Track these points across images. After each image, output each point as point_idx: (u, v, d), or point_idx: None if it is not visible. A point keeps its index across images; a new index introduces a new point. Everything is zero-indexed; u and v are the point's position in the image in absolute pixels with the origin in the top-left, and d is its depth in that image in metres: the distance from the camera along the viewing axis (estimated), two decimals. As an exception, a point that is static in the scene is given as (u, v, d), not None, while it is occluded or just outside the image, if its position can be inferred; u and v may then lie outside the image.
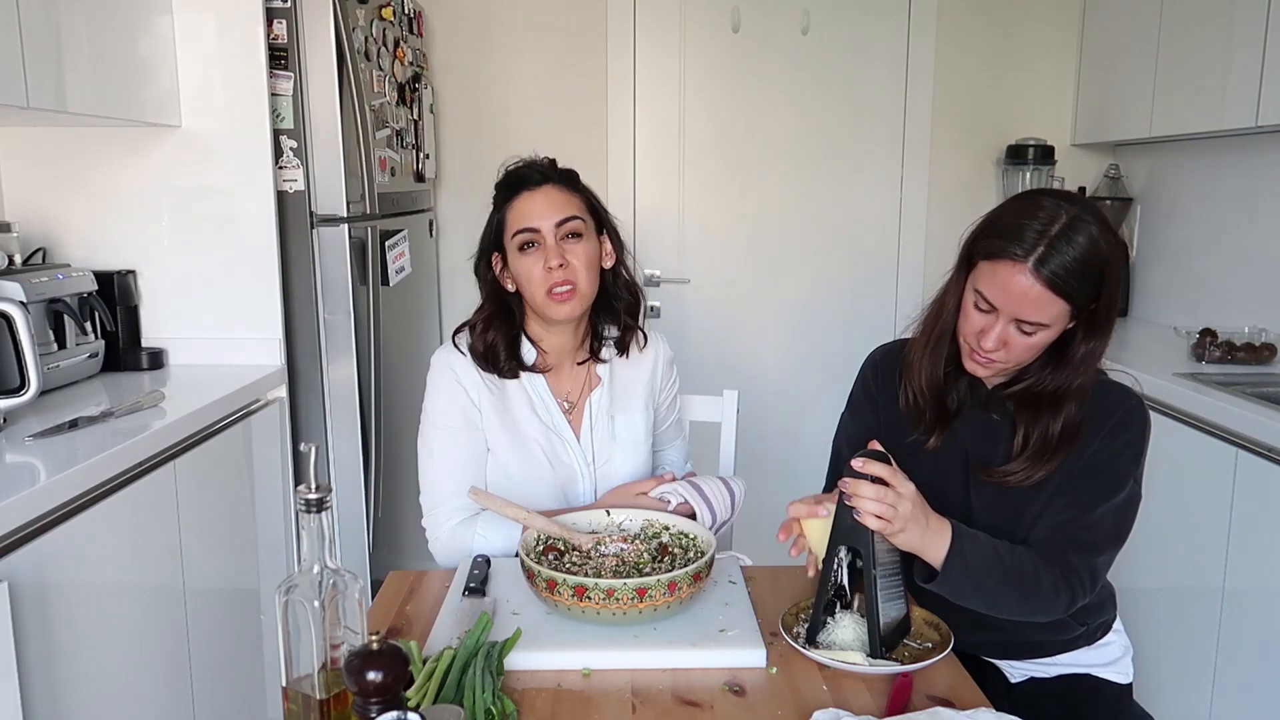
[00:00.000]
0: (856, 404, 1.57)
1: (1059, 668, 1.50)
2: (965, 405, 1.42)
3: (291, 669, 0.99)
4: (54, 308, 2.06)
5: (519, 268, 1.56)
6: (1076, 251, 1.23)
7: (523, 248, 1.55)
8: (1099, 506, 1.32)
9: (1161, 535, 2.30)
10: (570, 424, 1.65)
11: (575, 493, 1.65)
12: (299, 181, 2.40)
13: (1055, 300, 1.25)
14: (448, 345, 1.64)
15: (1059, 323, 1.28)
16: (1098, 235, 1.25)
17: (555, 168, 1.61)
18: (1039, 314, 1.26)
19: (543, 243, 1.54)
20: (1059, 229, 1.24)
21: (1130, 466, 1.35)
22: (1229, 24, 2.53)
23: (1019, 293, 1.25)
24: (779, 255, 3.50)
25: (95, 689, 1.62)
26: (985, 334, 1.30)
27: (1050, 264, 1.23)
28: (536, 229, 1.54)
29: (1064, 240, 1.23)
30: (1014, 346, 1.29)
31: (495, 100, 3.38)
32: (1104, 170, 3.38)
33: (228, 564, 2.15)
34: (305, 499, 0.97)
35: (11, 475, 1.52)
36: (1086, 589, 1.32)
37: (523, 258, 1.55)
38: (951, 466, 1.42)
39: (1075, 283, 1.24)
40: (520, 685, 1.16)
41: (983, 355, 1.32)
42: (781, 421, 3.42)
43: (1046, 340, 1.30)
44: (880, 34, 3.38)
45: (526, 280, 1.55)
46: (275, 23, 2.32)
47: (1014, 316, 1.27)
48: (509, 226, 1.57)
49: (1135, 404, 1.36)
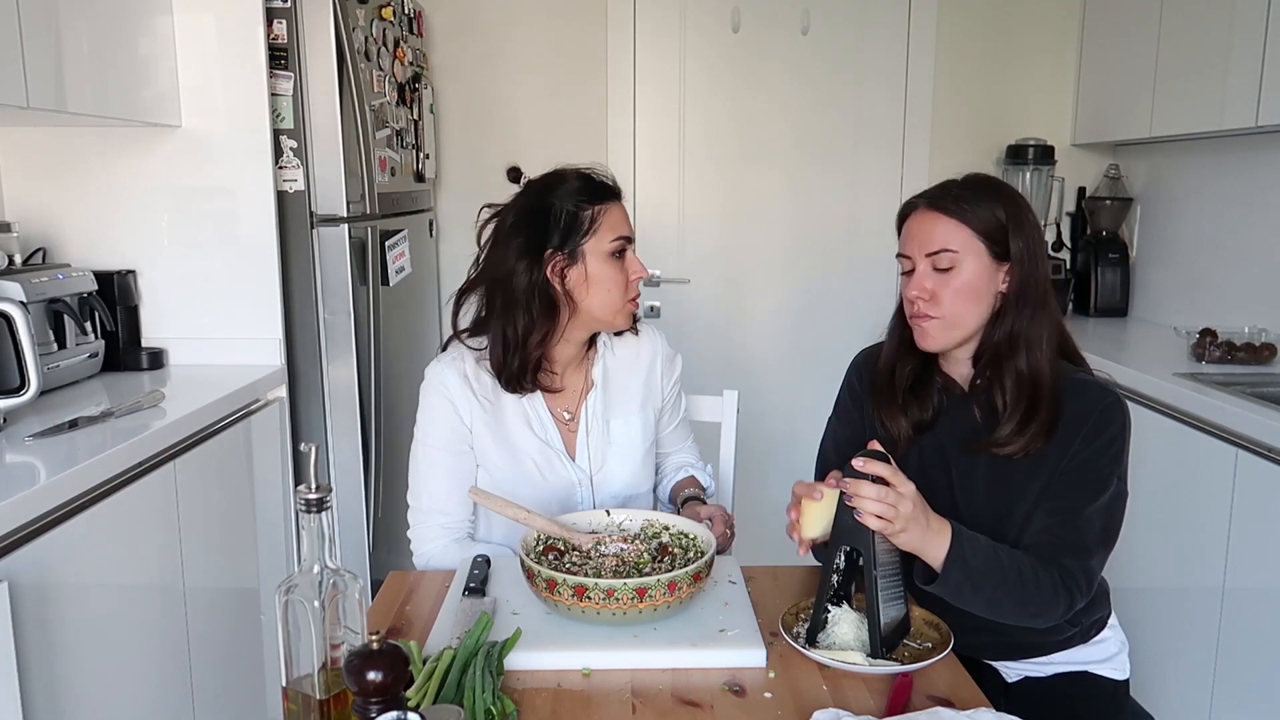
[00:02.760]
0: (843, 407, 1.58)
1: (1055, 666, 1.50)
2: (943, 406, 1.44)
3: (291, 669, 0.99)
4: (54, 308, 2.06)
5: (605, 271, 1.54)
6: (966, 183, 1.38)
7: (616, 254, 1.55)
8: (1086, 508, 1.33)
9: (1161, 535, 2.30)
10: (565, 438, 1.64)
11: (573, 506, 1.64)
12: (299, 181, 2.40)
13: (952, 223, 1.35)
14: (443, 358, 1.61)
15: (972, 255, 1.35)
16: (996, 180, 1.41)
17: None
18: (943, 240, 1.34)
19: (631, 253, 1.57)
20: (956, 182, 1.40)
21: (1113, 465, 1.35)
22: (1229, 24, 2.53)
23: (918, 228, 1.37)
24: (779, 255, 3.50)
25: (95, 689, 1.62)
26: (909, 285, 1.38)
27: (941, 196, 1.37)
28: (632, 239, 1.58)
29: (957, 184, 1.39)
30: (940, 292, 1.35)
31: (495, 100, 3.38)
32: (1104, 170, 3.38)
33: (228, 564, 2.15)
34: (305, 499, 0.97)
35: (11, 475, 1.52)
36: (1084, 591, 1.32)
37: (612, 262, 1.54)
38: (936, 469, 1.42)
39: (965, 204, 1.35)
40: (520, 685, 1.16)
41: (918, 313, 1.37)
42: (781, 421, 3.41)
43: (971, 281, 1.35)
44: (880, 34, 3.38)
45: (612, 285, 1.55)
46: (275, 23, 2.32)
47: (924, 253, 1.36)
48: (606, 228, 1.54)
49: (1113, 401, 1.37)
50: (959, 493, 1.41)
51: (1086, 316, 3.32)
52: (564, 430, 1.64)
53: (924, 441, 1.44)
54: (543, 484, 1.61)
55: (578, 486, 1.64)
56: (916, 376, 1.46)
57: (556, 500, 1.62)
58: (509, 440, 1.60)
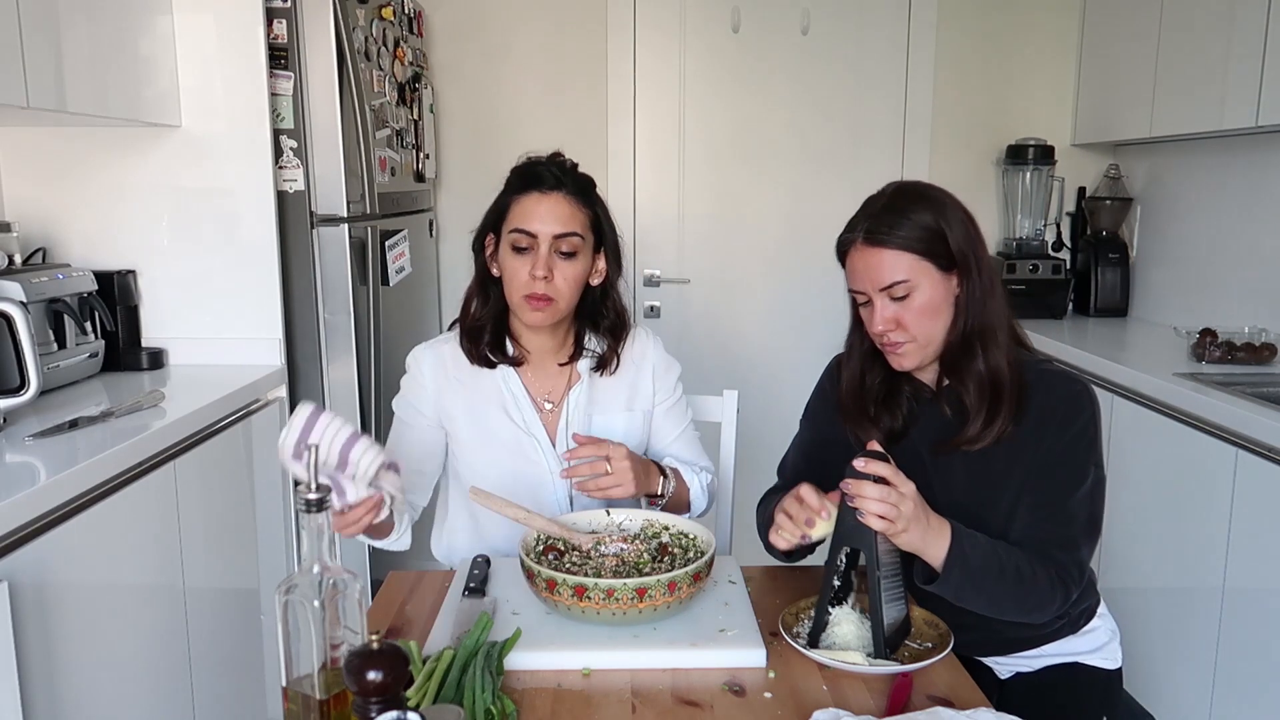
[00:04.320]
0: (812, 413, 1.58)
1: (1046, 658, 1.49)
2: (914, 412, 1.45)
3: (291, 669, 0.99)
4: (54, 308, 2.06)
5: (506, 262, 1.55)
6: (896, 209, 1.34)
7: (515, 247, 1.54)
8: (1068, 500, 1.33)
9: (1161, 535, 2.30)
10: (546, 425, 1.63)
11: (545, 495, 1.62)
12: (299, 181, 2.40)
13: (898, 255, 1.33)
14: (430, 341, 1.67)
15: (924, 277, 1.33)
16: (918, 191, 1.37)
17: (574, 174, 1.58)
18: (891, 273, 1.33)
19: (535, 249, 1.52)
20: (880, 204, 1.36)
21: (1088, 452, 1.36)
22: (1229, 24, 2.53)
23: (864, 266, 1.35)
24: (779, 255, 3.50)
25: (95, 689, 1.62)
26: (873, 320, 1.36)
27: (877, 230, 1.33)
28: (534, 234, 1.52)
29: (882, 207, 1.35)
30: (904, 319, 1.35)
31: (495, 100, 3.38)
32: (1104, 170, 3.38)
33: (228, 564, 2.15)
34: (305, 499, 0.97)
35: (11, 475, 1.52)
36: (1077, 583, 1.33)
37: (512, 256, 1.54)
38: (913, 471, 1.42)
39: (900, 230, 1.32)
40: (520, 685, 1.16)
41: (889, 343, 1.37)
42: (781, 421, 3.39)
43: (931, 300, 1.34)
44: (880, 34, 3.38)
45: (509, 277, 1.55)
46: (275, 23, 2.32)
47: (879, 288, 1.34)
48: (509, 219, 1.55)
49: (1080, 389, 1.38)
50: (938, 493, 1.40)
51: (1086, 316, 3.32)
52: (544, 417, 1.64)
53: (900, 447, 1.44)
54: (511, 466, 1.61)
55: (550, 475, 1.62)
56: (886, 387, 1.46)
57: (525, 485, 1.59)
58: (483, 423, 1.61)
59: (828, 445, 1.48)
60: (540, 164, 1.57)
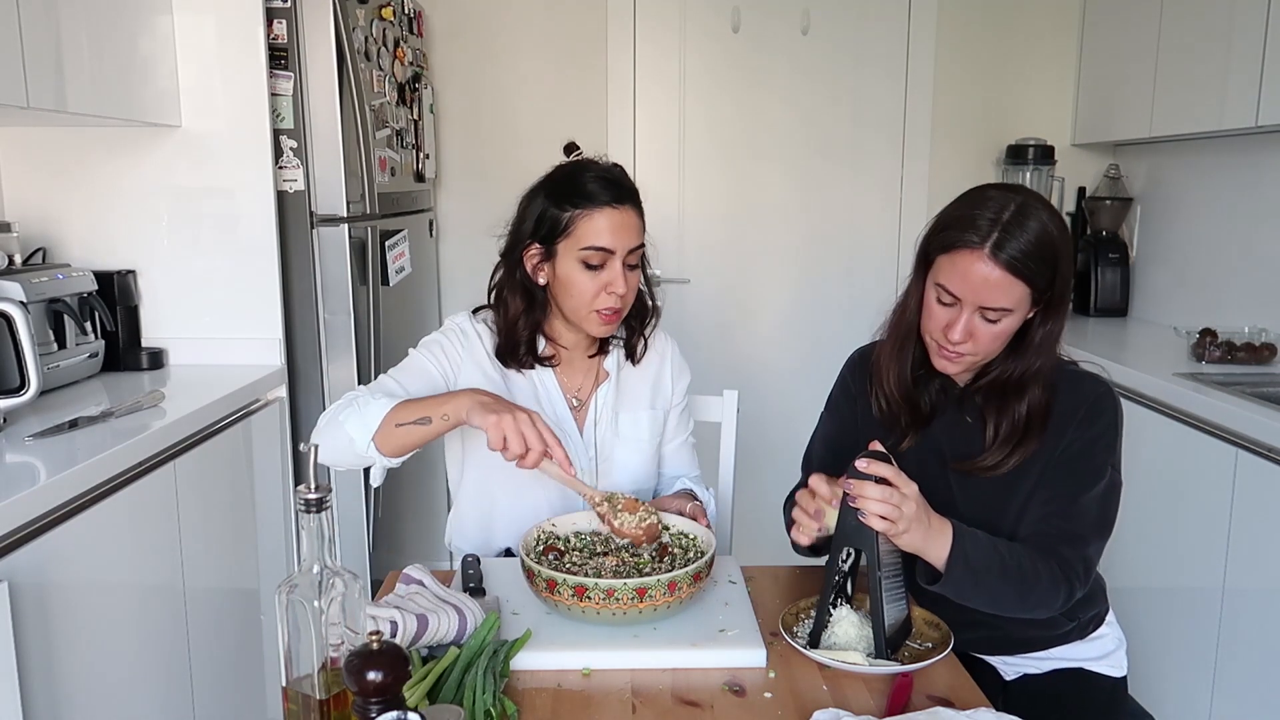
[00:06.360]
0: (835, 405, 1.58)
1: (1052, 662, 1.50)
2: (938, 407, 1.44)
3: (291, 669, 0.99)
4: (54, 308, 2.06)
5: (573, 276, 1.51)
6: (1030, 234, 1.27)
7: (588, 263, 1.50)
8: (1081, 497, 1.33)
9: (1161, 535, 2.30)
10: (576, 420, 1.64)
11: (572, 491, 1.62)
12: (299, 181, 2.40)
13: (1015, 283, 1.28)
14: (473, 317, 1.62)
15: (1021, 307, 1.31)
16: (1047, 220, 1.29)
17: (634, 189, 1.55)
18: (1002, 299, 1.29)
19: (611, 265, 1.50)
20: (1010, 215, 1.28)
21: (1107, 454, 1.36)
22: (1229, 24, 2.53)
23: (980, 279, 1.28)
24: (779, 255, 3.50)
25: (95, 689, 1.62)
26: (952, 327, 1.32)
27: (1007, 248, 1.26)
28: (613, 251, 1.49)
29: (1016, 225, 1.27)
30: (980, 336, 1.32)
31: (495, 100, 3.38)
32: (1104, 170, 3.38)
33: (228, 564, 2.15)
34: (305, 499, 0.97)
35: (11, 475, 1.52)
36: (1081, 580, 1.32)
37: (583, 271, 1.50)
38: (931, 467, 1.42)
39: (1033, 264, 1.27)
40: (520, 685, 1.16)
41: (951, 350, 1.34)
42: (781, 421, 3.41)
43: (1011, 327, 1.32)
44: (880, 34, 3.38)
45: (577, 292, 1.51)
46: (275, 23, 2.32)
47: (978, 304, 1.30)
48: (579, 235, 1.49)
49: (1105, 392, 1.38)
50: (956, 490, 1.41)
51: (1086, 316, 3.32)
52: (574, 414, 1.64)
53: (921, 440, 1.44)
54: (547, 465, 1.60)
55: (581, 475, 1.61)
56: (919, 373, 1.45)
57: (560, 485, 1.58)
58: None
59: (851, 434, 1.48)
60: (608, 174, 1.53)
